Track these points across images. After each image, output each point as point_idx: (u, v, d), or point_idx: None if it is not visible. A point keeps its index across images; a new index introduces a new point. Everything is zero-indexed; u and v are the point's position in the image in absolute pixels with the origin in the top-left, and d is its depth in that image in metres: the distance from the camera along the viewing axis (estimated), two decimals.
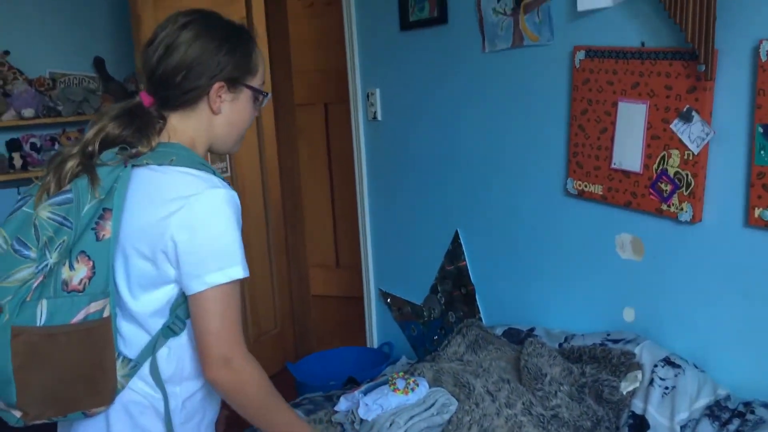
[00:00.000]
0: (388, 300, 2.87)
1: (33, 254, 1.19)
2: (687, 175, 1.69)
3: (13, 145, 3.28)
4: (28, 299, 1.17)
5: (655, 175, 1.76)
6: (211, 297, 1.21)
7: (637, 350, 1.76)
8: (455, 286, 2.52)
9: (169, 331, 1.27)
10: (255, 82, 1.37)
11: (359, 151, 2.86)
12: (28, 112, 3.20)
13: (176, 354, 1.29)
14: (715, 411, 1.59)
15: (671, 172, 1.73)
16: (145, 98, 1.33)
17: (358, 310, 3.04)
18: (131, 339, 1.27)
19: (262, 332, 3.56)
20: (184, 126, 1.33)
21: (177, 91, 1.30)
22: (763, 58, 1.50)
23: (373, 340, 3.01)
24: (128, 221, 1.22)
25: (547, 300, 2.17)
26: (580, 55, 1.92)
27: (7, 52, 3.24)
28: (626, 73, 1.81)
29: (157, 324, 1.27)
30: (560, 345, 1.95)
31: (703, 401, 1.62)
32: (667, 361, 1.70)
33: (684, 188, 1.70)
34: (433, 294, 2.63)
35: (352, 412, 1.73)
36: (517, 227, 2.24)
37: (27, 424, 1.23)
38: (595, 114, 1.91)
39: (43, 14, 3.39)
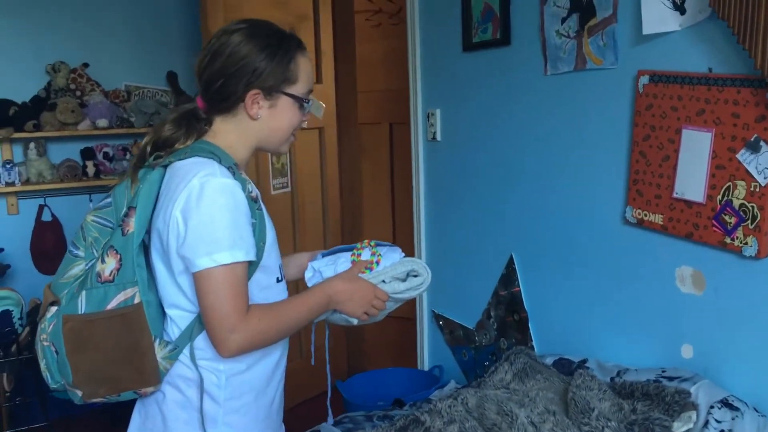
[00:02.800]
0: (441, 322, 2.84)
1: (81, 253, 1.36)
2: (753, 207, 1.61)
3: (87, 154, 3.42)
4: (75, 291, 1.33)
5: (719, 207, 1.69)
6: (204, 278, 1.28)
7: (693, 389, 1.67)
8: (508, 312, 2.46)
9: None
10: (296, 90, 1.41)
11: (417, 171, 2.85)
12: (102, 123, 3.33)
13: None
14: None
15: (736, 204, 1.64)
16: (199, 102, 1.42)
17: (413, 331, 3.02)
18: (175, 323, 1.37)
19: (315, 348, 3.56)
20: (225, 129, 1.41)
21: (217, 96, 1.38)
22: None
23: (424, 362, 2.97)
24: (159, 215, 1.32)
25: (601, 331, 2.10)
26: (644, 79, 1.86)
27: (86, 65, 3.39)
28: (691, 100, 1.74)
29: (194, 309, 1.35)
30: (612, 379, 1.87)
31: None
32: (725, 403, 1.60)
33: (749, 221, 1.62)
34: (486, 319, 2.58)
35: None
36: (573, 254, 2.17)
37: (86, 402, 1.36)
38: (657, 141, 1.84)
39: (121, 30, 3.54)
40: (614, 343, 2.05)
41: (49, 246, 3.35)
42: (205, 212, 1.27)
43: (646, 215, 1.89)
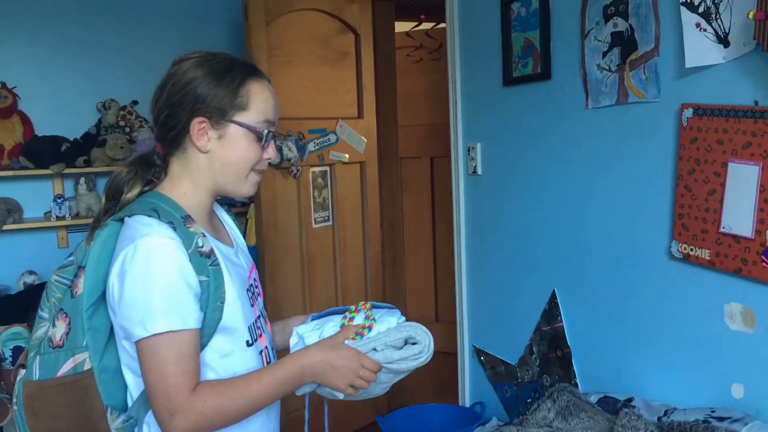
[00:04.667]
0: (482, 357, 2.80)
1: (46, 314, 1.28)
2: None
3: None
4: (32, 356, 1.26)
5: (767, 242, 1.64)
6: (143, 351, 1.17)
7: (744, 430, 1.61)
8: (551, 348, 2.42)
9: None
10: (248, 118, 1.27)
11: (458, 205, 2.85)
12: None
13: None
14: None
15: None
16: (157, 145, 1.33)
17: (454, 365, 2.99)
18: (129, 390, 1.26)
19: None
20: (179, 173, 1.30)
21: (164, 129, 1.27)
22: None
23: (465, 398, 2.93)
24: (109, 278, 1.22)
25: (647, 369, 2.05)
26: (688, 113, 1.84)
27: (135, 102, 3.50)
28: (737, 133, 1.71)
29: None
30: (659, 419, 1.82)
31: None
32: None
33: None
34: (528, 354, 2.54)
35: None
36: (618, 289, 2.14)
37: None
38: (703, 174, 1.81)
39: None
40: (661, 381, 2.00)
41: None
42: (138, 276, 1.16)
43: (692, 250, 1.85)
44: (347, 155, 3.44)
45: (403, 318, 1.44)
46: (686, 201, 1.86)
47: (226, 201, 3.94)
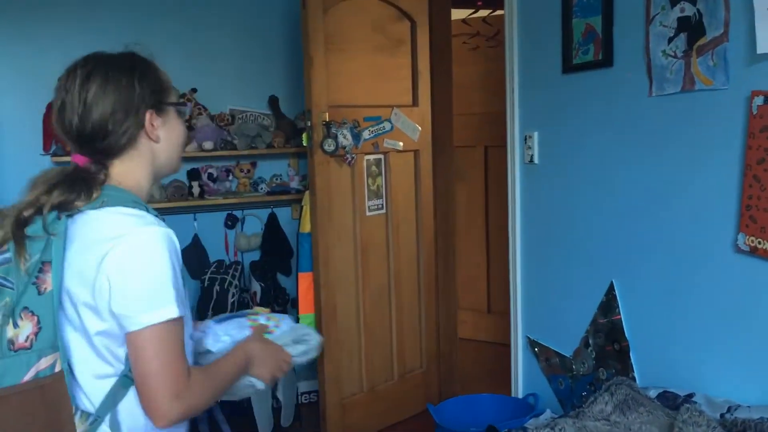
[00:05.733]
0: (536, 349, 2.77)
1: None
2: None
3: (193, 175, 3.58)
4: None
5: None
6: (148, 337, 1.17)
7: None
8: (608, 341, 2.38)
9: (127, 380, 1.22)
10: (174, 97, 1.38)
11: (513, 194, 2.81)
12: (207, 145, 3.48)
13: (137, 404, 1.21)
14: None
15: None
16: (78, 159, 1.30)
17: (507, 356, 2.96)
18: (92, 391, 1.22)
19: (407, 370, 3.56)
20: (127, 168, 1.31)
21: (113, 138, 1.27)
22: None
23: (518, 389, 2.91)
24: (69, 270, 1.19)
25: (710, 364, 1.99)
26: (758, 100, 1.77)
27: (194, 90, 3.56)
28: None
29: (114, 373, 1.22)
30: (722, 416, 1.77)
31: None
32: None
33: None
34: (583, 347, 2.50)
35: (201, 341, 1.53)
36: (679, 282, 2.08)
37: None
38: None
39: (227, 56, 3.71)
40: (724, 377, 1.94)
41: None
42: (144, 265, 1.18)
43: (760, 243, 1.79)
44: (401, 143, 3.43)
45: (295, 321, 1.68)
46: (755, 192, 1.80)
47: (281, 189, 3.96)
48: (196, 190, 3.54)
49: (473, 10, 4.30)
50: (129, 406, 1.23)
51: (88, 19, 3.41)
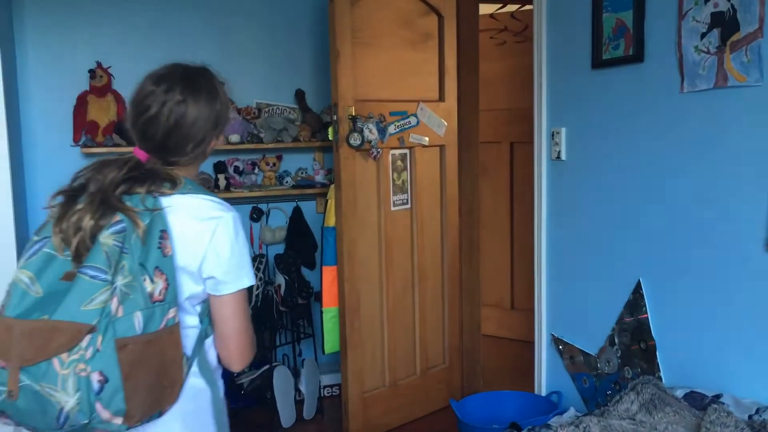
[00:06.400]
0: (561, 347, 2.75)
1: (110, 277, 1.31)
2: None
3: (220, 167, 3.60)
4: (120, 315, 1.30)
5: None
6: (239, 299, 1.45)
7: None
8: (634, 340, 2.36)
9: (210, 329, 1.49)
10: (230, 113, 1.58)
11: (540, 191, 2.79)
12: (234, 138, 3.50)
13: (210, 349, 1.50)
14: None
15: None
16: (141, 155, 1.46)
17: (530, 354, 2.95)
18: (187, 338, 1.45)
19: (429, 365, 3.56)
20: (190, 166, 1.52)
21: (188, 156, 1.47)
22: None
23: (542, 387, 2.89)
24: (175, 239, 1.40)
25: (738, 365, 1.96)
26: None
27: (222, 83, 3.57)
28: None
29: (196, 325, 1.47)
30: (750, 417, 1.75)
31: None
32: None
33: None
34: (609, 345, 2.48)
35: None
36: (708, 282, 2.05)
37: (129, 428, 1.33)
38: None
39: (255, 50, 3.72)
40: (752, 378, 1.91)
41: None
42: (239, 240, 1.44)
43: None
44: (427, 138, 3.42)
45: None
46: None
47: (307, 183, 3.97)
48: (222, 182, 3.57)
49: (501, 5, 4.27)
50: (209, 348, 1.50)
51: (119, 12, 3.44)
